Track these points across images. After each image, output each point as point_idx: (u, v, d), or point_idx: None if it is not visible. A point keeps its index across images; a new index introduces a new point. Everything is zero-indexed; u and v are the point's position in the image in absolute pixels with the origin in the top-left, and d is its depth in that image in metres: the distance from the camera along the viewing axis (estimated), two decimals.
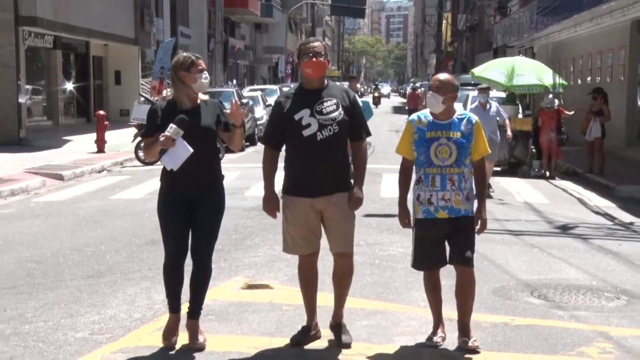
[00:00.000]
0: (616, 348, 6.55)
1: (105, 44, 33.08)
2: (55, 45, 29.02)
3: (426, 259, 6.39)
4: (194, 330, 6.32)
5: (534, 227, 11.92)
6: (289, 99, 6.32)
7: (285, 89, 42.48)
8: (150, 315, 7.11)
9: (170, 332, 6.33)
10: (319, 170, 6.18)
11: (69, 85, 30.99)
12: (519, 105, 19.70)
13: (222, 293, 8.10)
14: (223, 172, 6.47)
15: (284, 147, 6.44)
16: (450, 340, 6.47)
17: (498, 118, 15.41)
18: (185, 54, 6.40)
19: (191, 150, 6.00)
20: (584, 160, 19.14)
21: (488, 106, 15.17)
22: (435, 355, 6.33)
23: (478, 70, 18.72)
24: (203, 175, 6.26)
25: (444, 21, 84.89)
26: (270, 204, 6.39)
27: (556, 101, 19.06)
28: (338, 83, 7.15)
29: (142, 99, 26.33)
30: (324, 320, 6.53)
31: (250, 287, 8.24)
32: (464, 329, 6.34)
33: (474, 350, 6.19)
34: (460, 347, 6.27)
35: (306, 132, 6.14)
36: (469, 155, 6.27)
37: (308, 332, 6.42)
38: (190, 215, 6.29)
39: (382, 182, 16.86)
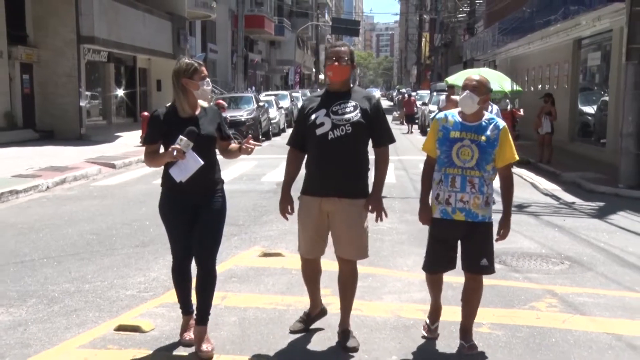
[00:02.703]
0: (560, 303, 6.58)
1: (148, 58, 33.01)
2: (109, 59, 29.04)
3: (437, 261, 5.28)
4: (200, 337, 5.25)
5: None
6: (313, 101, 5.34)
7: (294, 95, 43.00)
8: None
9: (187, 329, 5.46)
10: (329, 170, 5.13)
11: (120, 92, 30.96)
12: None
13: (243, 260, 8.11)
14: (243, 162, 5.69)
15: None
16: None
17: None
18: (187, 60, 5.25)
19: (201, 162, 4.99)
20: (536, 152, 19.15)
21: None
22: (413, 310, 6.35)
23: (451, 79, 18.53)
24: (204, 181, 5.17)
25: (423, 39, 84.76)
26: (283, 204, 5.42)
27: (509, 105, 19.15)
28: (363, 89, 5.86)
29: None
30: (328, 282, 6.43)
31: (266, 255, 8.26)
32: (465, 333, 5.32)
33: (470, 348, 5.24)
34: (459, 350, 5.28)
35: (319, 131, 5.12)
36: (492, 162, 5.06)
37: (309, 316, 5.67)
38: (193, 219, 5.21)
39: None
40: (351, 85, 5.41)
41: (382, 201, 5.36)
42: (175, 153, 4.91)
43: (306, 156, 5.39)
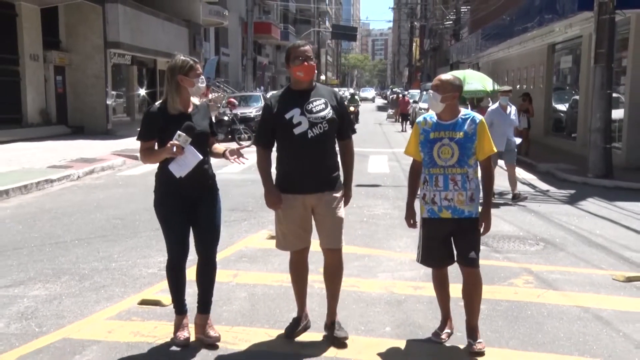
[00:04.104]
0: (535, 279, 6.60)
1: (167, 61, 32.87)
2: (132, 62, 28.98)
3: (433, 257, 4.87)
4: (204, 325, 4.89)
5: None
6: (278, 101, 4.79)
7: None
8: None
9: (180, 330, 4.87)
10: (311, 168, 4.71)
11: (142, 91, 30.86)
12: (469, 105, 19.63)
13: (252, 242, 8.13)
14: (253, 154, 5.04)
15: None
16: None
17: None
18: (182, 57, 4.69)
19: (200, 157, 4.55)
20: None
21: (509, 109, 11.59)
22: (405, 287, 6.36)
23: None
24: (199, 176, 4.69)
25: (414, 44, 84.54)
26: (271, 197, 4.85)
27: (490, 102, 19.08)
28: (326, 85, 5.40)
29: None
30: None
31: (273, 237, 8.17)
32: (471, 331, 4.83)
33: (478, 353, 4.70)
34: (467, 348, 4.78)
35: (297, 131, 4.64)
36: (473, 156, 4.66)
37: (299, 323, 5.06)
38: (189, 215, 4.75)
39: (368, 161, 16.90)
40: (314, 82, 4.91)
41: (351, 193, 5.04)
42: (174, 149, 4.47)
43: (278, 155, 4.88)
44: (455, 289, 5.00)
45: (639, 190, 11.99)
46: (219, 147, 4.94)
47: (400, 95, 37.49)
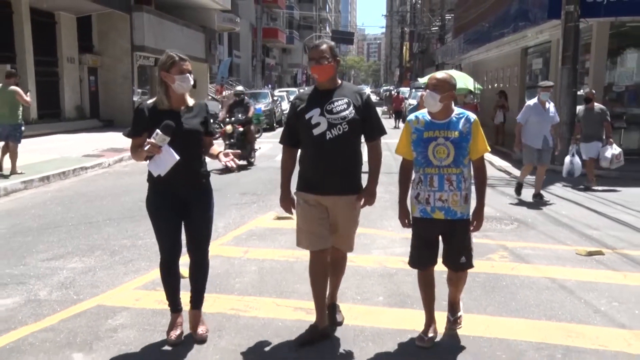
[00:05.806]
0: (510, 254, 6.62)
1: None
2: (155, 63, 28.83)
3: (421, 257, 4.25)
4: (195, 320, 4.38)
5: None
6: (303, 100, 4.20)
7: (302, 91, 42.19)
8: (215, 237, 7.18)
9: (173, 328, 4.33)
10: (328, 169, 4.11)
11: None
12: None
13: (261, 222, 8.14)
14: (261, 146, 4.30)
15: None
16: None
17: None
18: (170, 53, 4.03)
19: (177, 157, 3.86)
20: (492, 137, 19.09)
21: (547, 105, 9.81)
22: (396, 261, 6.38)
23: (425, 79, 18.56)
24: (189, 175, 4.07)
25: (404, 47, 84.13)
26: (285, 202, 4.37)
27: (474, 99, 19.06)
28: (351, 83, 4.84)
29: (209, 97, 26.79)
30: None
31: (280, 218, 8.25)
32: (452, 306, 4.52)
33: (455, 321, 4.50)
34: (446, 327, 4.48)
35: (316, 131, 4.06)
36: (468, 155, 4.06)
37: (316, 331, 4.31)
38: (181, 213, 4.13)
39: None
40: (339, 81, 4.28)
41: (375, 195, 4.33)
42: (146, 147, 3.83)
43: (300, 153, 4.31)
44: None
45: (598, 176, 11.98)
46: (215, 148, 4.28)
47: (394, 93, 35.39)
